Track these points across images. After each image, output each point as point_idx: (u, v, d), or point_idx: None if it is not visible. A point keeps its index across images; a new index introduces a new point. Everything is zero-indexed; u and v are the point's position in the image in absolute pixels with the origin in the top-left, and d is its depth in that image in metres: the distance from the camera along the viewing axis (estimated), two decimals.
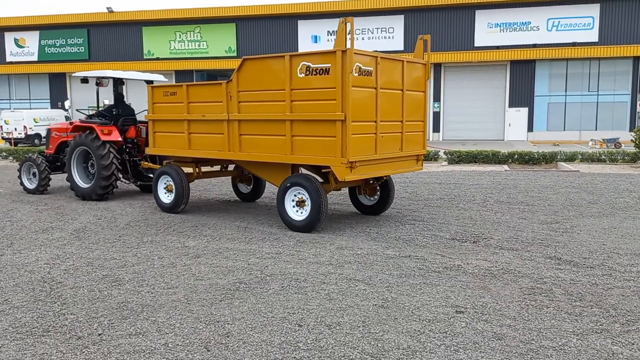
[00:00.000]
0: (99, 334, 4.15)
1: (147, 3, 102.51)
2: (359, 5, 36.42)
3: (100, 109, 11.91)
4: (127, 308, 4.72)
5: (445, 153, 19.09)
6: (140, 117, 11.67)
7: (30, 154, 12.56)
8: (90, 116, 11.90)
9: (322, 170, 8.22)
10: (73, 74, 13.20)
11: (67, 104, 12.83)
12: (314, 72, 7.45)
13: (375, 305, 4.75)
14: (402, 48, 36.22)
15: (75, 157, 11.18)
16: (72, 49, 41.35)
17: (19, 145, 28.25)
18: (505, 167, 16.93)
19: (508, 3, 34.35)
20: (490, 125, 35.84)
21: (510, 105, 35.25)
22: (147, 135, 10.58)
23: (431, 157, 19.07)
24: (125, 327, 4.30)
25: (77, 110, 13.45)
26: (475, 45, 35.16)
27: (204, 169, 10.15)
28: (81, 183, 11.11)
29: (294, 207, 7.96)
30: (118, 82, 12.10)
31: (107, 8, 40.13)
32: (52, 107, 39.17)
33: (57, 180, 13.04)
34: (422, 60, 8.82)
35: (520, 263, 6.06)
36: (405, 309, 4.67)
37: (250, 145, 8.35)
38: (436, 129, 36.47)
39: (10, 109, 36.69)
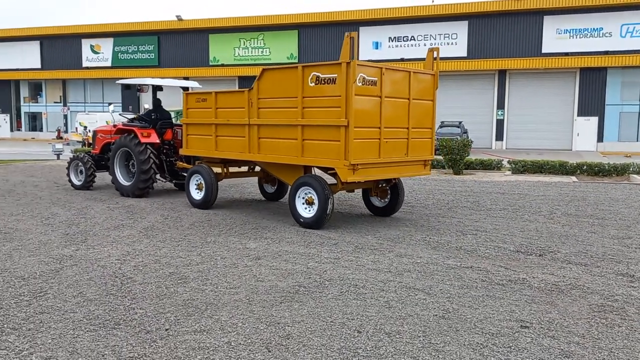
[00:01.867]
0: (166, 329, 4.32)
1: (214, 11, 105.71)
2: (422, 12, 36.08)
3: (140, 113, 12.80)
4: (192, 305, 4.88)
5: (509, 162, 18.56)
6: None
7: (77, 154, 13.56)
8: (131, 120, 12.77)
9: (328, 172, 8.89)
10: (117, 81, 14.30)
11: (111, 108, 13.93)
12: (323, 82, 8.15)
13: (436, 315, 4.69)
14: (465, 54, 35.59)
15: (118, 157, 12.11)
16: (143, 55, 43.25)
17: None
18: (574, 178, 16.26)
19: (579, 8, 33.06)
20: (557, 134, 34.54)
21: (579, 114, 33.86)
22: (182, 137, 11.29)
23: (494, 166, 18.60)
24: (190, 323, 4.45)
25: (119, 114, 14.40)
26: (543, 51, 34.04)
27: (232, 169, 10.93)
28: (123, 181, 12.04)
29: (303, 204, 8.60)
30: (156, 89, 13.11)
31: (177, 16, 41.72)
32: (123, 111, 41.07)
33: (101, 178, 13.85)
34: (431, 71, 9.23)
35: (589, 279, 5.81)
36: (467, 321, 4.58)
37: (267, 148, 9.10)
38: (499, 137, 35.53)
39: (85, 111, 38.74)
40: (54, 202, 10.86)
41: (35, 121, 48.16)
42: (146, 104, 13.26)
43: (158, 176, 11.97)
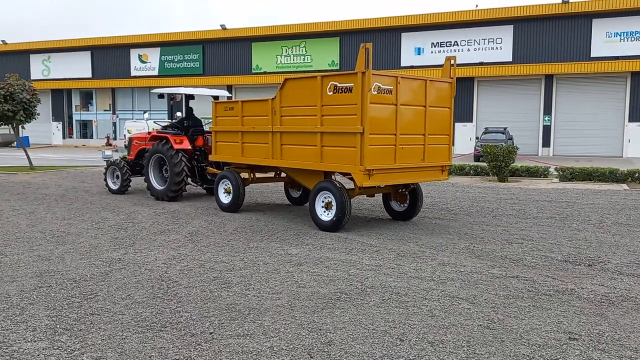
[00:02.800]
0: (210, 333, 4.40)
1: (257, 20, 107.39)
2: (465, 17, 35.61)
3: (173, 120, 13.31)
4: (235, 310, 4.95)
5: (556, 169, 18.04)
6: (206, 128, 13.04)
7: (114, 159, 14.27)
8: (165, 127, 13.32)
9: (347, 177, 9.15)
10: (152, 90, 15.00)
11: (145, 116, 14.57)
12: (340, 91, 8.49)
13: (480, 325, 4.60)
14: (510, 59, 34.90)
15: (152, 163, 12.68)
16: (189, 64, 44.31)
17: None
18: (624, 186, 15.66)
19: (629, 11, 31.93)
20: (607, 140, 33.35)
21: (631, 120, 32.60)
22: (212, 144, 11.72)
23: (540, 174, 18.12)
24: (234, 327, 4.52)
25: (154, 122, 14.94)
26: (592, 55, 33.00)
27: (259, 175, 11.42)
28: (156, 185, 12.59)
29: (322, 208, 8.96)
30: (188, 98, 13.61)
31: (221, 25, 42.59)
32: (169, 118, 42.07)
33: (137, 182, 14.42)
34: (448, 79, 9.46)
35: None
36: (512, 331, 4.47)
37: (289, 154, 9.50)
38: (546, 143, 34.59)
39: (132, 119, 39.95)
40: (104, 207, 11.24)
41: (85, 128, 49.96)
42: (178, 112, 13.95)
43: (189, 180, 12.48)
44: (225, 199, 10.83)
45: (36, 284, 5.71)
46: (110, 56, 47.24)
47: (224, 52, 43.24)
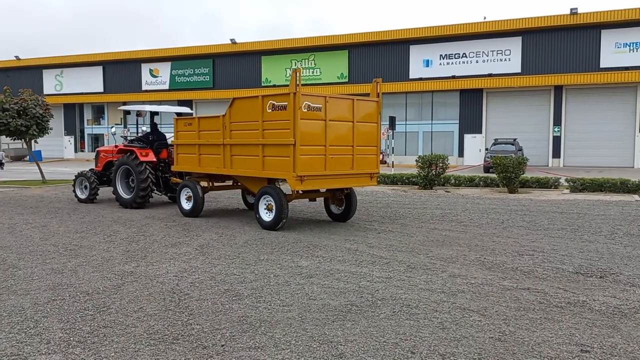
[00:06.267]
0: (222, 345, 4.42)
1: (266, 34, 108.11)
2: (474, 29, 35.72)
3: (139, 134, 14.74)
4: (246, 322, 4.98)
5: (566, 180, 17.95)
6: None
7: (82, 171, 15.26)
8: (131, 141, 14.41)
9: (280, 183, 10.68)
10: (119, 107, 16.03)
11: (112, 130, 15.36)
12: (277, 108, 9.73)
13: (492, 338, 4.59)
14: (519, 70, 34.93)
15: (120, 174, 13.78)
16: (199, 78, 44.74)
17: None
18: (636, 197, 15.55)
19: (638, 21, 31.88)
20: (617, 151, 33.17)
21: None
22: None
23: (551, 185, 18.04)
24: (245, 340, 4.54)
25: (121, 136, 16.18)
26: (601, 66, 32.97)
27: (217, 183, 12.70)
28: (123, 194, 13.65)
29: (264, 210, 10.21)
30: (154, 114, 14.88)
31: (231, 40, 42.99)
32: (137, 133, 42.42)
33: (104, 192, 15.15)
34: (375, 98, 10.80)
35: None
36: (524, 344, 4.46)
37: (238, 163, 10.78)
38: (556, 154, 34.46)
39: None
40: (115, 220, 11.34)
41: (97, 142, 50.46)
42: (144, 126, 15.19)
43: (155, 190, 13.59)
44: (186, 205, 12.02)
45: (50, 296, 5.77)
46: (121, 71, 47.82)
47: (233, 66, 43.64)
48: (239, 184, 12.15)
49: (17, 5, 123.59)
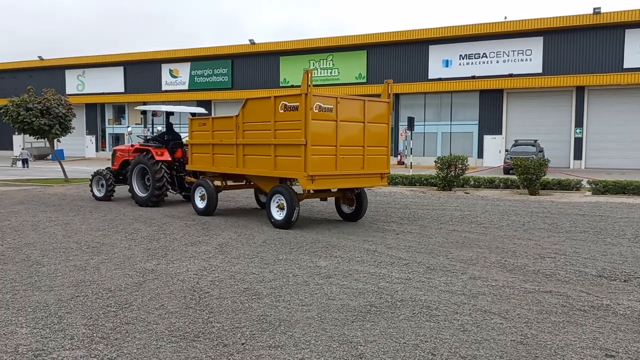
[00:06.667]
0: (242, 344, 4.45)
1: (284, 35, 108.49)
2: (494, 29, 35.39)
3: (155, 134, 14.93)
4: (266, 321, 5.00)
5: (588, 182, 17.68)
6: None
7: (98, 169, 15.50)
8: (147, 140, 14.60)
9: (293, 182, 10.81)
10: (135, 108, 16.19)
11: (129, 130, 15.69)
12: (289, 109, 9.87)
13: (514, 341, 4.54)
14: (540, 71, 34.51)
15: (135, 173, 14.00)
16: (218, 78, 45.05)
17: None
18: None
19: None
20: None
21: None
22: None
23: (572, 187, 17.79)
24: (265, 339, 4.56)
25: (137, 136, 16.29)
26: (625, 67, 32.41)
27: (231, 182, 12.83)
28: (139, 192, 13.89)
29: (276, 209, 10.34)
30: (169, 114, 15.00)
31: (250, 40, 43.21)
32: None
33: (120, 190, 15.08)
34: (386, 99, 10.86)
35: None
36: (547, 347, 4.40)
37: (250, 163, 10.97)
38: (577, 156, 33.95)
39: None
40: (136, 219, 11.47)
41: (118, 142, 51.09)
42: (159, 125, 15.51)
43: (170, 189, 13.75)
44: (200, 204, 12.13)
45: (73, 293, 5.86)
46: (142, 71, 48.36)
47: (252, 66, 43.84)
48: (252, 183, 12.26)
49: (39, 6, 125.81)
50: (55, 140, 22.26)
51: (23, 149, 39.00)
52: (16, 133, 22.56)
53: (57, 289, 6.04)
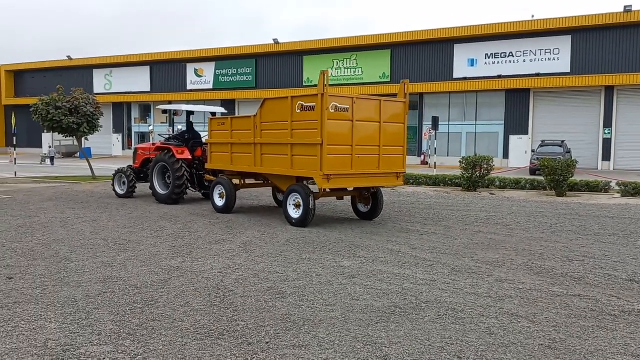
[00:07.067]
0: (267, 342, 4.46)
1: (308, 34, 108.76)
2: (521, 27, 34.86)
3: (175, 133, 15.16)
4: (290, 320, 5.00)
5: (617, 184, 17.28)
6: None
7: (120, 167, 15.77)
8: (168, 139, 14.78)
9: (310, 181, 11.00)
10: (157, 107, 16.48)
11: (150, 129, 15.84)
12: (306, 109, 10.00)
13: (542, 345, 4.46)
14: (568, 70, 33.89)
15: (156, 170, 14.24)
16: (242, 78, 45.33)
17: None
18: None
19: None
20: None
21: None
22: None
23: (601, 188, 17.41)
24: (289, 338, 4.56)
25: (159, 134, 16.61)
26: None
27: (249, 181, 13.02)
28: (160, 190, 14.17)
29: (292, 207, 10.46)
30: (189, 114, 15.27)
31: (274, 39, 43.32)
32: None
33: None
34: (402, 99, 10.91)
35: None
36: (576, 352, 4.31)
37: (268, 162, 11.13)
38: (606, 157, 33.23)
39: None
40: (162, 217, 11.60)
41: (143, 140, 51.79)
42: (179, 124, 15.69)
43: (189, 187, 13.97)
44: (219, 202, 12.33)
45: (100, 289, 5.95)
46: (167, 71, 48.94)
47: (276, 66, 43.99)
48: (270, 182, 12.37)
49: (68, 6, 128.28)
50: (83, 138, 22.66)
51: (50, 147, 39.81)
52: (45, 131, 22.99)
53: (85, 285, 6.14)
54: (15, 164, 25.35)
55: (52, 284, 6.15)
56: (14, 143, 27.14)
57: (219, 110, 16.00)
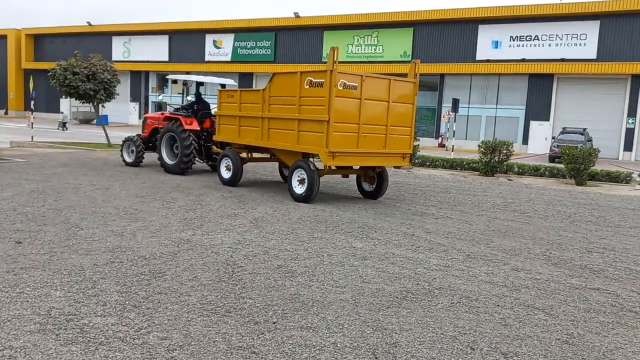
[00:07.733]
0: (274, 322, 4.34)
1: (330, 8, 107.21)
2: (548, 10, 33.89)
3: (184, 103, 15.09)
4: (298, 300, 4.88)
5: (639, 175, 16.86)
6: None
7: (129, 136, 15.74)
8: (177, 109, 14.75)
9: (314, 158, 10.89)
10: (167, 76, 16.45)
11: (160, 98, 15.83)
12: (314, 85, 9.95)
13: (559, 339, 4.29)
14: (594, 56, 32.99)
15: (165, 140, 14.20)
16: (261, 51, 44.87)
17: None
18: None
19: None
20: None
21: None
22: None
23: (622, 179, 17.01)
24: (297, 319, 4.44)
25: (168, 105, 16.60)
26: None
27: (256, 155, 12.97)
28: (168, 160, 14.14)
29: (297, 182, 10.47)
30: (199, 84, 15.17)
31: (294, 13, 42.74)
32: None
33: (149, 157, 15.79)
34: (412, 79, 10.81)
35: None
36: (594, 349, 4.14)
37: (274, 137, 11.04)
38: (628, 147, 32.52)
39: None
40: (174, 188, 11.53)
41: (160, 109, 51.79)
42: (189, 96, 15.57)
43: (197, 158, 13.99)
44: (226, 174, 12.32)
45: (108, 258, 5.88)
46: (186, 41, 48.59)
47: (295, 40, 43.43)
48: (276, 156, 12.32)
49: None
50: (100, 105, 22.62)
51: (62, 112, 39.93)
52: (63, 97, 22.97)
53: (93, 253, 6.07)
54: (32, 127, 25.46)
55: (60, 251, 6.09)
56: (32, 107, 27.21)
57: (229, 82, 15.88)
